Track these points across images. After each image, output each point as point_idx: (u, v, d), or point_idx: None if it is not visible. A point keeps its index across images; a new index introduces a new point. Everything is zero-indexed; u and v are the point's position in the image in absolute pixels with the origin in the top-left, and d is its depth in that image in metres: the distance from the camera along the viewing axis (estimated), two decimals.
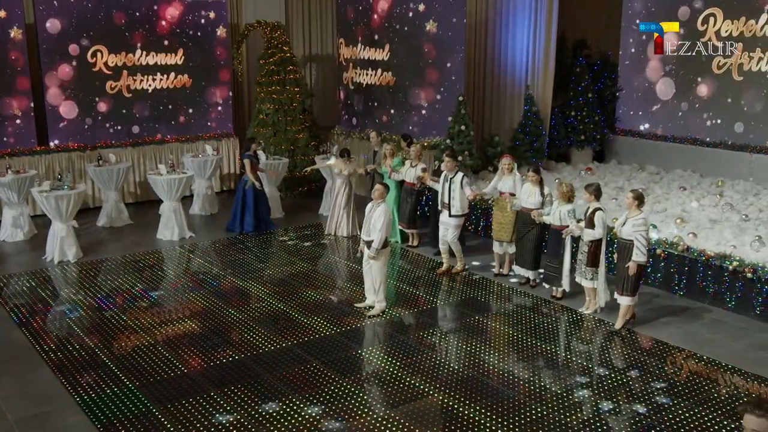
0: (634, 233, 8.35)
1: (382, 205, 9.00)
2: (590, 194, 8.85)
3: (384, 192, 9.11)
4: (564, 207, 9.22)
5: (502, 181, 10.44)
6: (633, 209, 8.47)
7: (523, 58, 14.93)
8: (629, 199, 8.50)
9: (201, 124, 15.78)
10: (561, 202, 9.27)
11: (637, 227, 8.35)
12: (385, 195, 9.11)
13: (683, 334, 8.61)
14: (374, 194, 9.09)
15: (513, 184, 10.31)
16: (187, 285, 10.37)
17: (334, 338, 8.54)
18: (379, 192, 9.06)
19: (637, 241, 8.34)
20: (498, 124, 15.21)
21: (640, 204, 8.49)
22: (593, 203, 8.86)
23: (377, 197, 9.03)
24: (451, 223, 10.59)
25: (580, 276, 9.06)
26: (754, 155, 13.57)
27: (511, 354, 8.10)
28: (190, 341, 8.46)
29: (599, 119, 15.65)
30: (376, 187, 9.15)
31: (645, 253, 8.39)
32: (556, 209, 9.30)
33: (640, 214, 8.45)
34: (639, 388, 7.29)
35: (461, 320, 9.18)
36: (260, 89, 15.43)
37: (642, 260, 8.41)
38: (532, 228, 9.83)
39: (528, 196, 9.84)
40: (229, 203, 15.04)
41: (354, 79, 15.96)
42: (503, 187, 10.41)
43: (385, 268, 9.20)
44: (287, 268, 11.09)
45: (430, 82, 14.34)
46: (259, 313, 9.31)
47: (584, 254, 8.89)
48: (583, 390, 7.26)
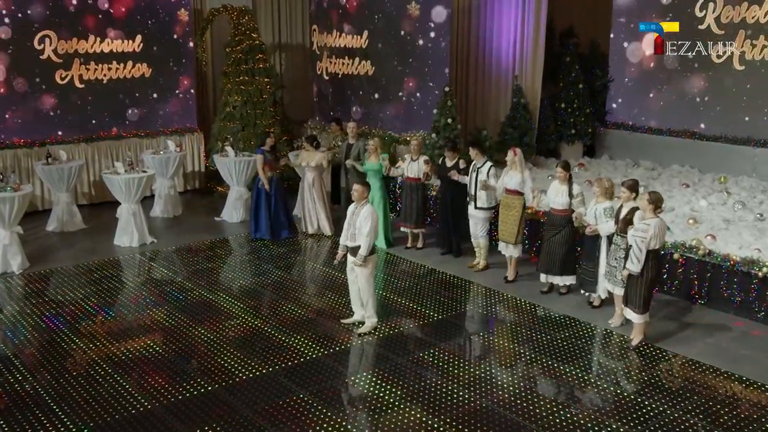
0: (633, 236, 7.40)
1: (367, 207, 7.90)
2: (629, 191, 7.87)
3: (365, 191, 8.00)
4: (601, 205, 8.23)
5: (509, 176, 9.44)
6: (648, 213, 7.45)
7: (510, 46, 13.92)
8: (644, 201, 7.48)
9: (162, 118, 14.46)
10: (599, 200, 8.27)
11: (639, 231, 7.37)
12: (366, 194, 8.01)
13: (713, 350, 7.67)
14: (354, 195, 7.99)
15: (521, 180, 9.31)
16: (149, 299, 9.15)
17: (321, 362, 7.42)
18: (359, 192, 7.95)
19: (636, 246, 7.37)
20: (484, 116, 14.20)
21: (656, 209, 7.46)
22: (630, 202, 7.88)
23: (358, 198, 7.93)
24: (478, 216, 9.81)
25: (613, 284, 8.08)
26: (758, 149, 12.75)
27: (527, 378, 7.08)
28: (154, 369, 7.26)
29: (590, 112, 14.72)
30: (355, 187, 8.03)
31: (640, 262, 7.38)
32: (592, 207, 8.31)
33: (654, 219, 7.42)
34: (678, 419, 6.32)
35: (467, 337, 8.14)
36: (227, 80, 14.21)
37: (636, 270, 7.42)
38: (561, 229, 8.83)
39: (555, 195, 8.84)
40: (193, 204, 13.91)
41: (329, 69, 14.80)
42: (510, 183, 9.40)
43: (372, 277, 8.12)
44: (262, 278, 9.93)
45: (412, 71, 13.24)
46: (233, 332, 8.15)
47: (620, 260, 7.87)
48: (616, 424, 6.26)
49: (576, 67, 14.65)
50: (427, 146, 12.40)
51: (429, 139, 12.61)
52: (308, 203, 11.77)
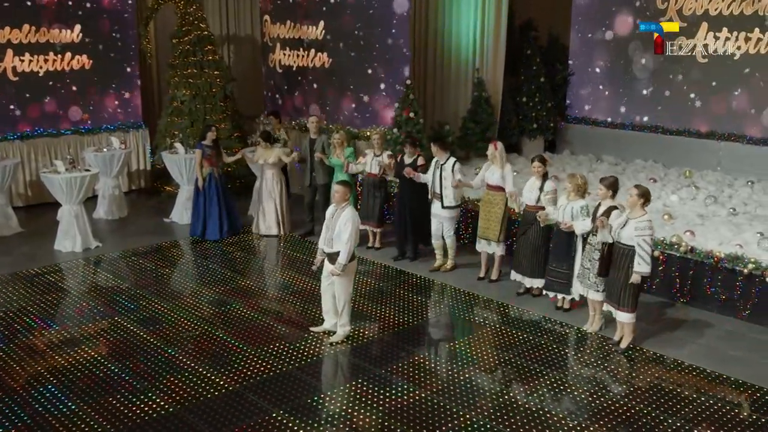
0: (636, 238, 6.97)
1: (348, 210, 7.31)
2: (606, 189, 7.45)
3: (346, 192, 7.40)
4: (576, 203, 7.79)
5: (490, 172, 8.97)
6: (637, 208, 7.09)
7: (471, 37, 13.46)
8: (633, 196, 7.08)
9: (104, 113, 13.56)
10: (573, 197, 7.83)
11: (641, 231, 6.97)
12: (348, 196, 7.42)
13: (704, 351, 7.33)
14: (334, 196, 7.39)
15: (501, 176, 8.84)
16: (97, 310, 8.36)
17: (292, 376, 6.80)
18: (339, 193, 7.35)
19: (640, 248, 6.95)
20: (445, 111, 13.71)
21: (645, 202, 7.12)
22: (608, 200, 7.46)
23: (339, 199, 7.33)
24: (444, 215, 9.26)
25: (587, 287, 7.63)
26: (723, 143, 12.61)
27: (515, 387, 6.60)
28: (103, 388, 6.52)
29: (552, 106, 14.40)
30: (336, 187, 7.42)
31: (649, 263, 7.01)
32: (567, 206, 7.86)
33: (645, 215, 7.09)
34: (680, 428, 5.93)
35: (448, 344, 7.61)
36: (173, 73, 13.40)
37: (646, 271, 7.03)
38: (531, 227, 8.38)
39: (529, 191, 8.41)
40: (140, 205, 13.08)
41: (282, 62, 14.11)
42: (492, 178, 8.93)
43: (350, 285, 7.53)
44: (220, 284, 9.22)
45: (372, 64, 12.67)
46: (193, 344, 7.45)
47: (593, 261, 7.46)
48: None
49: (537, 59, 14.30)
50: (388, 142, 11.86)
51: (390, 134, 12.07)
52: (265, 202, 11.12)
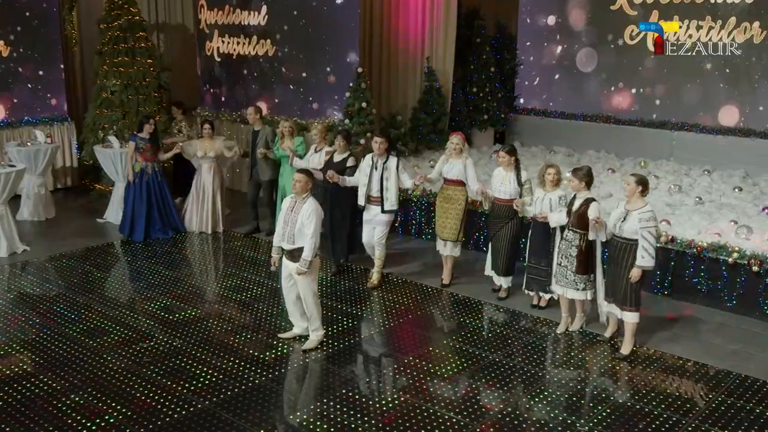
0: (641, 230, 6.48)
1: (309, 201, 6.63)
2: (580, 181, 7.01)
3: (308, 182, 6.70)
4: (554, 194, 7.34)
5: (449, 165, 8.34)
6: (635, 199, 6.63)
7: (419, 22, 12.88)
8: (631, 185, 6.64)
9: (25, 105, 12.39)
10: (547, 189, 7.38)
11: (645, 222, 6.49)
12: (309, 186, 6.72)
13: (701, 347, 6.98)
14: (296, 186, 6.65)
15: (462, 168, 8.27)
16: (32, 321, 7.39)
17: (266, 389, 6.09)
18: (301, 183, 6.62)
19: (645, 240, 6.46)
20: (394, 101, 13.10)
21: (644, 191, 6.66)
22: (583, 192, 7.03)
23: (300, 189, 6.63)
24: (382, 220, 8.42)
25: (565, 286, 7.11)
26: (676, 133, 12.52)
27: (517, 392, 6.08)
28: (51, 411, 5.64)
29: (502, 96, 14.03)
30: (297, 176, 6.68)
31: (654, 256, 6.55)
32: (544, 197, 7.39)
33: (646, 205, 6.61)
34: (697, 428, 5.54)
35: (432, 346, 7.03)
36: (102, 61, 12.30)
37: (650, 265, 6.56)
38: (506, 223, 7.88)
39: (501, 183, 7.88)
40: (67, 205, 12.00)
41: (221, 50, 13.22)
42: (450, 172, 8.33)
43: (315, 284, 6.85)
44: (169, 288, 8.38)
45: (319, 51, 11.95)
46: (150, 357, 6.62)
47: (571, 258, 7.00)
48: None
49: (486, 48, 13.90)
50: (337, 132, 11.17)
51: (342, 125, 11.39)
52: (201, 197, 10.32)
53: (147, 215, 9.99)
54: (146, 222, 10.00)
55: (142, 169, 9.93)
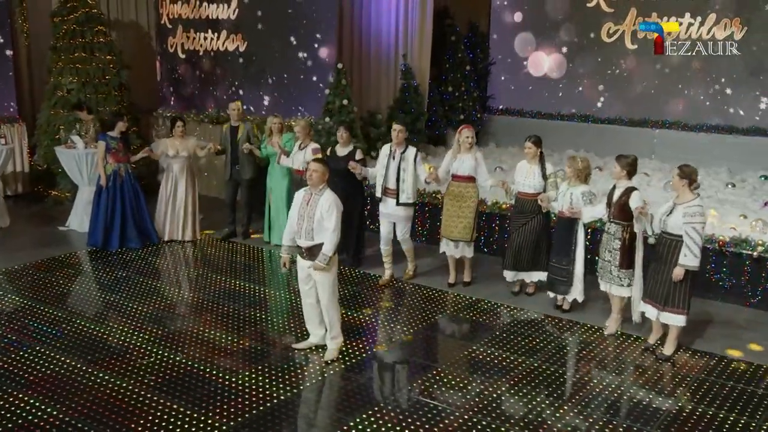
0: (685, 225, 6.02)
1: (327, 192, 6.04)
2: (622, 169, 6.63)
3: (326, 173, 6.10)
4: (577, 189, 6.95)
5: (459, 161, 7.85)
6: (684, 192, 6.18)
7: (392, 18, 12.39)
8: (675, 177, 6.23)
9: None
10: (573, 183, 6.98)
11: (690, 217, 6.01)
12: (326, 177, 6.12)
13: (738, 344, 6.67)
14: (312, 177, 6.02)
15: (474, 164, 7.81)
16: (8, 339, 6.52)
17: (294, 406, 5.44)
18: (318, 173, 6.01)
19: (688, 236, 6.00)
20: (366, 99, 12.53)
21: (691, 184, 6.17)
22: (623, 181, 6.66)
23: (317, 181, 6.02)
24: (400, 214, 7.95)
25: (608, 282, 6.76)
26: (657, 131, 12.40)
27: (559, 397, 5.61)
28: None
29: (478, 96, 13.68)
30: (313, 166, 6.06)
31: (698, 255, 6.04)
32: (566, 192, 6.99)
33: (694, 199, 6.13)
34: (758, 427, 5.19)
35: (463, 355, 6.47)
36: (56, 57, 11.42)
37: (694, 264, 6.06)
38: (531, 218, 7.44)
39: (525, 176, 7.46)
40: (21, 212, 11.03)
41: (185, 46, 12.44)
42: (461, 168, 7.84)
43: (335, 283, 6.25)
44: (153, 298, 7.61)
45: (295, 46, 11.33)
46: (154, 375, 5.88)
47: (614, 252, 6.61)
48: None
49: (461, 47, 13.54)
50: (319, 132, 10.61)
51: (322, 123, 10.80)
52: (172, 201, 9.53)
53: (122, 223, 9.14)
54: (121, 230, 9.15)
55: (115, 171, 9.10)
